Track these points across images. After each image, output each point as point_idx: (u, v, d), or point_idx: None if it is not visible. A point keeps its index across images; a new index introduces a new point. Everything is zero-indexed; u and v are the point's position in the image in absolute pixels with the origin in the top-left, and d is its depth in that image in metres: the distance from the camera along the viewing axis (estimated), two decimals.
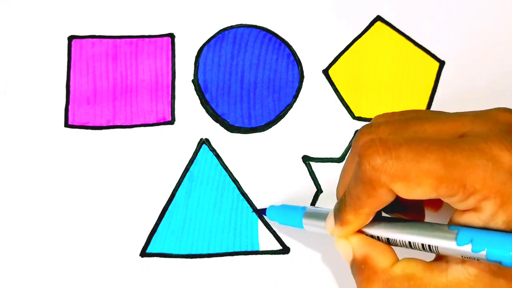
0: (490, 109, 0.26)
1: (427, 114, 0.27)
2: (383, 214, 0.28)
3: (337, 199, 0.30)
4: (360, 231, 0.27)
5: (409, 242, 0.25)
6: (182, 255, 0.36)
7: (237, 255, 0.36)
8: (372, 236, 0.27)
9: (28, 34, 0.39)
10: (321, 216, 0.30)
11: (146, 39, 0.39)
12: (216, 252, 0.36)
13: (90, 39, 0.39)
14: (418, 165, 0.22)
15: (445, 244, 0.24)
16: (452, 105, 0.38)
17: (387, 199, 0.24)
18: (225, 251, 0.36)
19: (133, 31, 0.39)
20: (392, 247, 0.27)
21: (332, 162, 0.37)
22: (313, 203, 0.36)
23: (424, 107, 0.38)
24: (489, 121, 0.24)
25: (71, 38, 0.39)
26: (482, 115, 0.25)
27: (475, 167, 0.22)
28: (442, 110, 0.28)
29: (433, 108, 0.38)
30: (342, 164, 0.37)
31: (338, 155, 0.37)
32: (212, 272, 0.35)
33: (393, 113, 0.28)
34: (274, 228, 0.36)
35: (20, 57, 0.38)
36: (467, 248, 0.23)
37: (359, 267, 0.26)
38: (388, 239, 0.26)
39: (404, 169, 0.22)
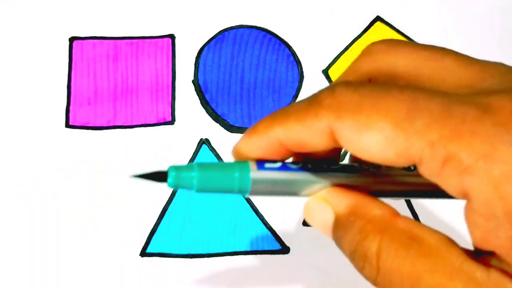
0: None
1: None
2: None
3: None
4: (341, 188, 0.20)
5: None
6: (182, 255, 0.36)
7: (237, 255, 0.36)
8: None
9: (29, 35, 0.39)
10: None
11: (147, 40, 0.39)
12: (216, 252, 0.36)
13: (91, 40, 0.39)
14: (375, 100, 0.17)
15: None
16: None
17: (314, 139, 0.19)
18: (225, 251, 0.36)
19: (133, 32, 0.39)
20: None
21: None
22: None
23: None
24: None
25: (72, 39, 0.39)
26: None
27: None
28: None
29: None
30: None
31: None
32: (212, 272, 0.35)
33: None
34: (274, 228, 0.36)
35: (21, 58, 0.38)
36: None
37: (347, 221, 0.19)
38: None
39: (359, 102, 0.18)
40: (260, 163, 0.20)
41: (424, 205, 0.36)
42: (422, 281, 0.17)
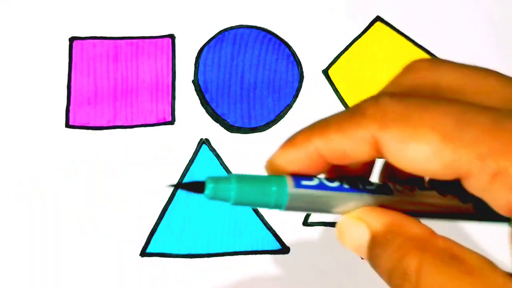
0: None
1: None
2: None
3: None
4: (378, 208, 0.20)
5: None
6: (182, 255, 0.36)
7: (237, 255, 0.36)
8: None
9: (29, 35, 0.39)
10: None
11: (147, 40, 0.39)
12: (216, 252, 0.36)
13: (91, 40, 0.39)
14: (422, 113, 0.18)
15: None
16: None
17: (356, 150, 0.18)
18: (225, 251, 0.36)
19: (133, 32, 0.39)
20: None
21: None
22: None
23: None
24: None
25: (72, 39, 0.39)
26: None
27: None
28: None
29: None
30: None
31: None
32: (212, 272, 0.35)
33: None
34: (274, 228, 0.36)
35: (22, 58, 0.38)
36: None
37: (383, 241, 0.19)
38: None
39: (406, 113, 0.17)
40: (297, 179, 0.20)
41: None
42: None
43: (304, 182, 0.19)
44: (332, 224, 0.36)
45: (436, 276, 0.17)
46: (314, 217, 0.36)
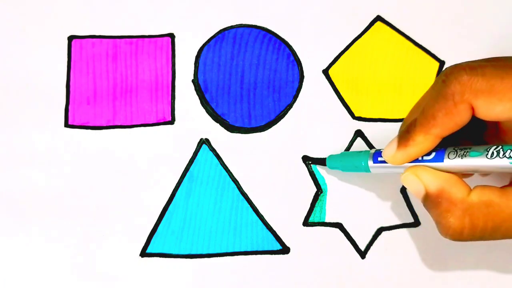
0: None
1: None
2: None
3: (400, 131, 0.30)
4: (425, 167, 0.28)
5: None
6: (182, 255, 0.36)
7: (237, 255, 0.36)
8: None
9: (28, 34, 0.39)
10: None
11: (146, 39, 0.39)
12: (216, 252, 0.36)
13: (90, 39, 0.39)
14: (502, 80, 0.24)
15: None
16: None
17: (464, 119, 0.25)
18: (225, 251, 0.36)
19: (133, 31, 0.39)
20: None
21: None
22: (313, 203, 0.36)
23: None
24: None
25: (71, 38, 0.39)
26: None
27: None
28: None
29: None
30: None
31: None
32: (212, 272, 0.35)
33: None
34: (274, 228, 0.36)
35: (20, 57, 0.38)
36: None
37: (435, 201, 0.27)
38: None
39: (489, 84, 0.24)
40: (376, 156, 0.31)
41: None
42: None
43: (380, 159, 0.30)
44: (331, 225, 0.36)
45: (474, 230, 0.26)
46: (314, 217, 0.36)
